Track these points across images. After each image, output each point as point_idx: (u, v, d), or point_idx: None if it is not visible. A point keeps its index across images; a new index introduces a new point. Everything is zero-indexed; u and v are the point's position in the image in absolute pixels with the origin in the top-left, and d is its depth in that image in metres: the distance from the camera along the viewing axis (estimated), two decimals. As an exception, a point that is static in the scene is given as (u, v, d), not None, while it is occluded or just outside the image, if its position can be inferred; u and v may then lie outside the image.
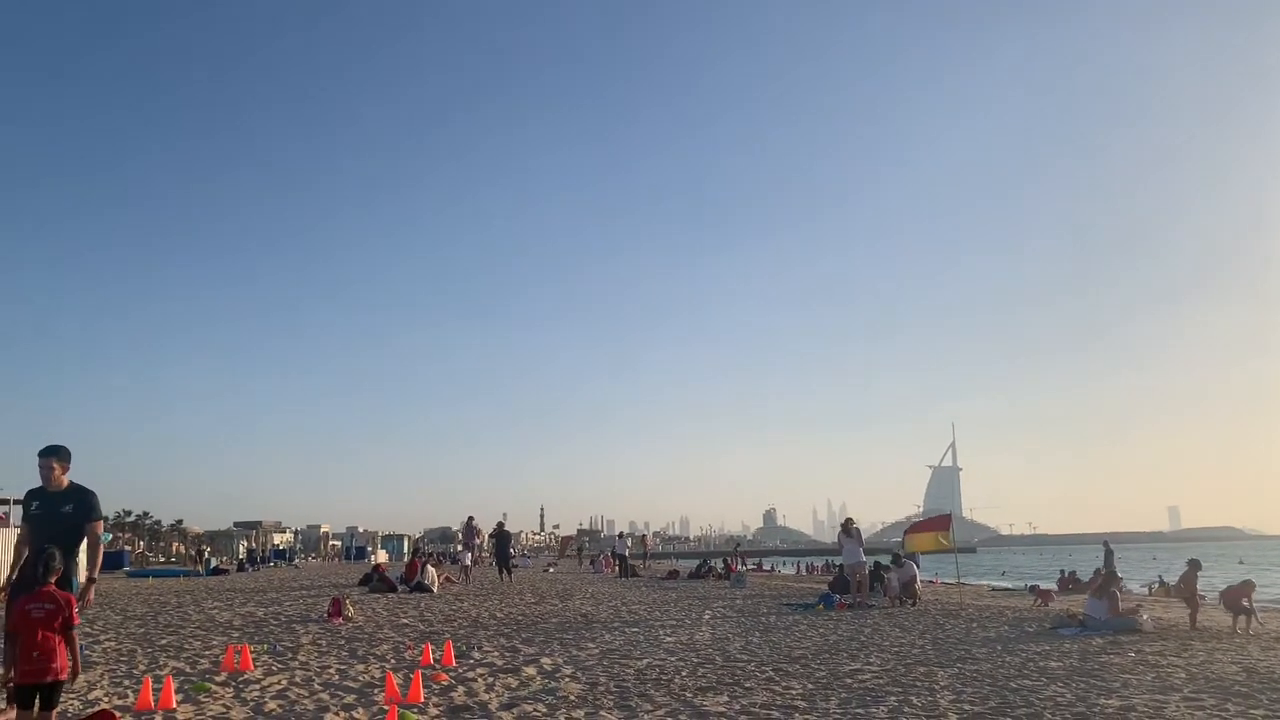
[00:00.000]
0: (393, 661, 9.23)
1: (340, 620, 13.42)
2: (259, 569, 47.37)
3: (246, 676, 8.23)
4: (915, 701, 7.06)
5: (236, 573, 41.89)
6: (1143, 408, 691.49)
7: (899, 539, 26.29)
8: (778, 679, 8.17)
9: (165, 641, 11.14)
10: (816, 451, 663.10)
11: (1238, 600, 13.37)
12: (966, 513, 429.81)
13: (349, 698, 7.21)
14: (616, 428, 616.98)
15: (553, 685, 7.82)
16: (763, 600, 19.16)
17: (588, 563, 50.82)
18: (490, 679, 8.18)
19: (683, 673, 8.51)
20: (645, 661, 9.25)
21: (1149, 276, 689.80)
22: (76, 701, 6.87)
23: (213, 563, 44.92)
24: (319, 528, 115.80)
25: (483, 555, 47.86)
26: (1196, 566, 15.21)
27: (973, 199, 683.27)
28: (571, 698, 7.23)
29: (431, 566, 23.49)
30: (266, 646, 10.40)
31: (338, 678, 8.23)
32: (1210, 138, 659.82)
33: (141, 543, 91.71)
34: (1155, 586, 29.84)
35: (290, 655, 9.78)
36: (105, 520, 6.48)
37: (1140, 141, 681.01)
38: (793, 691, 7.53)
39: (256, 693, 7.42)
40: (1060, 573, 32.33)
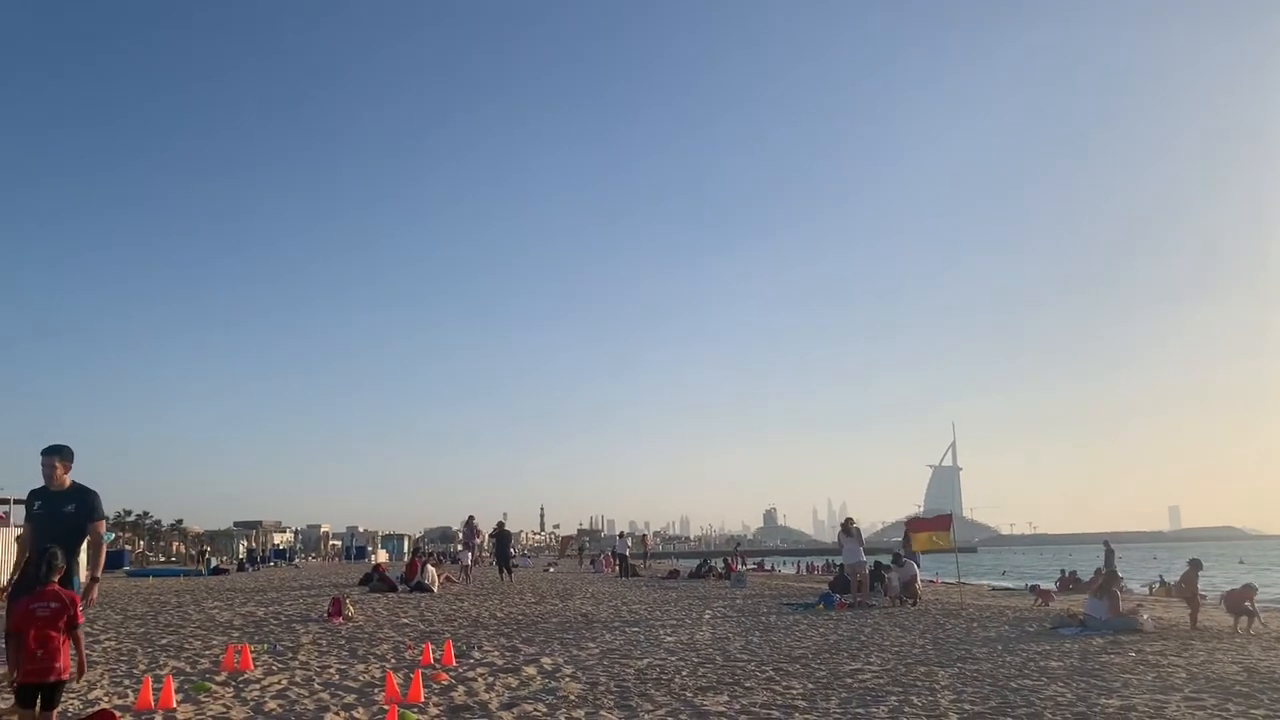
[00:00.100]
0: (393, 661, 9.24)
1: (340, 620, 13.42)
2: (259, 569, 47.39)
3: (246, 676, 8.24)
4: (916, 701, 7.07)
5: (237, 572, 41.93)
6: (1143, 407, 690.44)
7: (899, 538, 26.29)
8: (778, 679, 8.18)
9: (165, 641, 11.14)
10: (816, 451, 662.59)
11: (1240, 603, 13.38)
12: (966, 513, 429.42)
13: (349, 697, 7.21)
14: (616, 428, 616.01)
15: (553, 685, 7.82)
16: (763, 600, 19.17)
17: (588, 562, 50.82)
18: (490, 679, 8.18)
19: (683, 672, 8.51)
20: (645, 661, 9.26)
21: (1148, 276, 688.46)
22: (76, 701, 6.87)
23: (213, 562, 44.96)
24: (319, 527, 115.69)
25: (483, 555, 47.91)
26: (1198, 566, 15.21)
27: (973, 199, 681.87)
28: (572, 697, 7.24)
29: (431, 566, 23.51)
30: (266, 646, 10.41)
31: (338, 677, 8.23)
32: (1210, 138, 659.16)
33: (142, 542, 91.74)
34: (1156, 586, 29.83)
35: (290, 655, 9.78)
36: (106, 520, 6.48)
37: (1140, 141, 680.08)
38: (793, 691, 7.53)
39: (256, 692, 7.42)
40: (1060, 572, 32.36)
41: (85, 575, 6.13)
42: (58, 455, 6.05)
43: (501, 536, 28.48)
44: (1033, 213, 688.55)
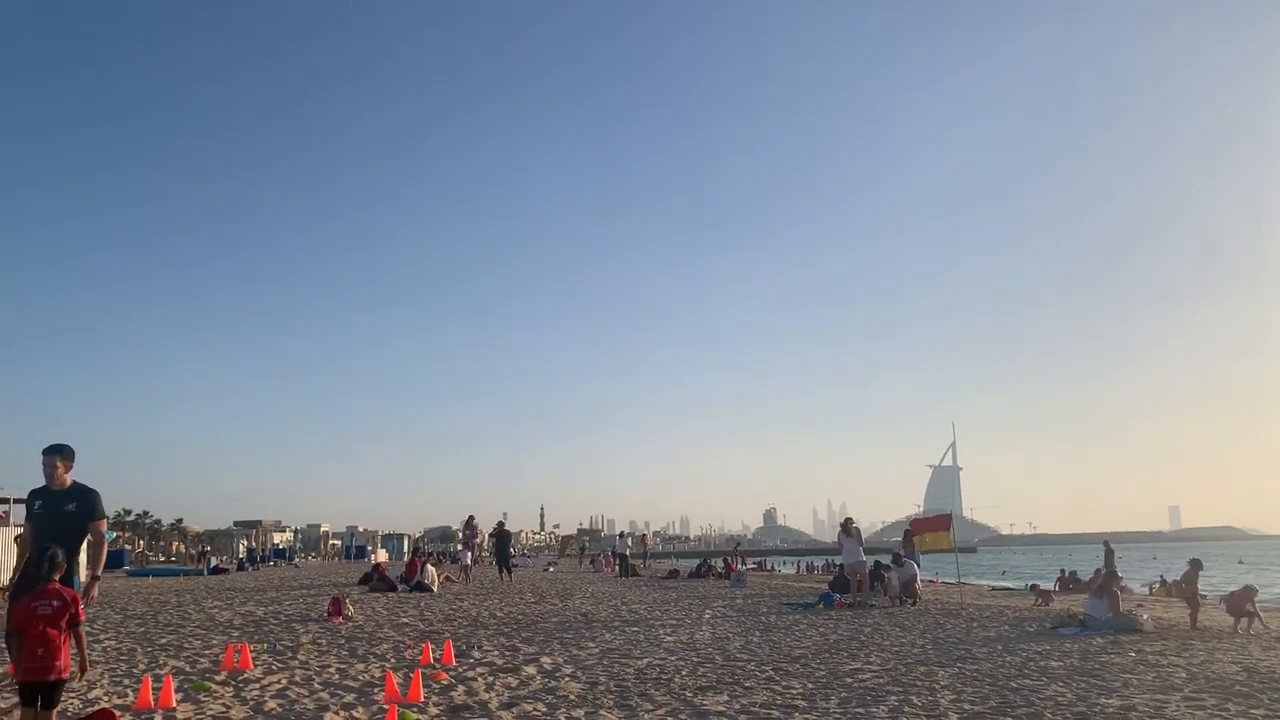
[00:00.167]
0: (393, 661, 9.24)
1: (340, 619, 13.43)
2: (259, 568, 47.40)
3: (246, 676, 8.24)
4: (915, 701, 7.07)
5: (236, 572, 41.96)
6: (1143, 407, 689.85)
7: (899, 539, 26.25)
8: (778, 678, 8.18)
9: (165, 640, 11.15)
10: (816, 451, 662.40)
11: (1241, 606, 13.37)
12: (966, 513, 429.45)
13: (349, 697, 7.21)
14: (616, 428, 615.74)
15: (553, 684, 7.83)
16: (763, 600, 19.17)
17: (588, 562, 50.81)
18: (490, 678, 8.19)
19: (683, 672, 8.51)
20: (645, 661, 9.26)
21: (1148, 276, 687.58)
22: (76, 700, 6.88)
23: (213, 562, 44.96)
24: (319, 527, 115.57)
25: (483, 555, 47.94)
26: (1198, 566, 15.22)
27: (973, 199, 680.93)
28: (571, 697, 7.24)
29: (431, 566, 23.52)
30: (266, 646, 10.41)
31: (338, 677, 8.23)
32: (1210, 138, 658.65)
33: (142, 542, 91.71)
34: (1156, 586, 29.85)
35: (290, 654, 9.78)
36: (107, 519, 6.48)
37: (1140, 141, 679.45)
38: (793, 691, 7.53)
39: (256, 692, 7.43)
40: (1060, 572, 32.36)
41: (86, 574, 6.13)
42: (59, 454, 6.05)
43: (501, 536, 28.50)
44: (1033, 213, 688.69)
